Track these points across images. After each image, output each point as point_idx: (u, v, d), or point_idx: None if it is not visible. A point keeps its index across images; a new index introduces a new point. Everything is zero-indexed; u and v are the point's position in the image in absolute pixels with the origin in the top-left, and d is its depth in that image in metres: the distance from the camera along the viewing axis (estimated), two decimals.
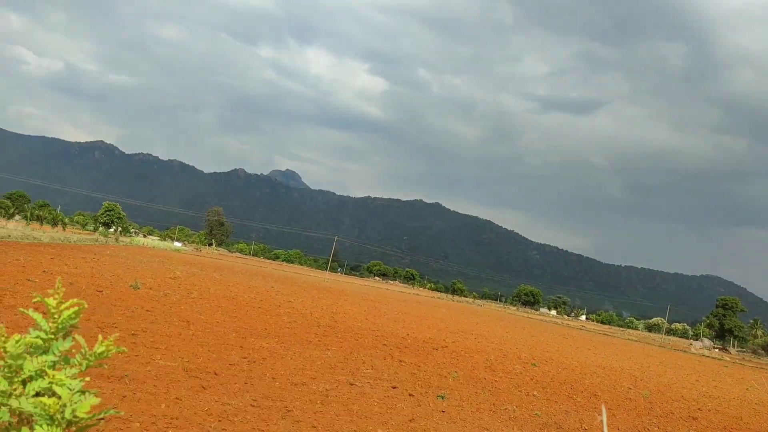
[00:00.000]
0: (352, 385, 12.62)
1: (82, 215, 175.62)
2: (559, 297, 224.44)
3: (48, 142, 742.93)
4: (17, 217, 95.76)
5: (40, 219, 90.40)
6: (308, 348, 16.69)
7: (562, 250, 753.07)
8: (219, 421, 8.21)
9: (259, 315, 23.13)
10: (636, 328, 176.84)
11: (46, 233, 64.20)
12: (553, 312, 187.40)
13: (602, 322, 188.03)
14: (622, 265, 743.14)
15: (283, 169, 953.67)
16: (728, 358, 69.68)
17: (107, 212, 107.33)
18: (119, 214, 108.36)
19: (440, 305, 77.92)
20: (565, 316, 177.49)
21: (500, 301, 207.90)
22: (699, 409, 19.15)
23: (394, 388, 13.21)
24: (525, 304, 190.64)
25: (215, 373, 11.24)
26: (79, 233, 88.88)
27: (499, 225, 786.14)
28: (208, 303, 23.97)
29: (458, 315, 57.01)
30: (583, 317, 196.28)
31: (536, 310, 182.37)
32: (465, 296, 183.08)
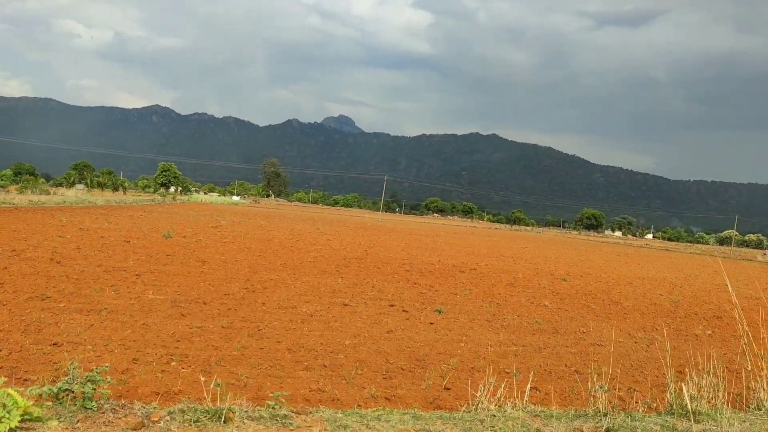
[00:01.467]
0: (345, 305, 12.74)
1: (146, 179, 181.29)
2: (624, 218, 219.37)
3: (107, 111, 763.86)
4: (79, 185, 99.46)
5: (101, 185, 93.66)
6: (319, 277, 16.89)
7: (627, 170, 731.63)
8: (178, 341, 8.43)
9: (286, 253, 23.49)
10: (706, 243, 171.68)
11: (103, 198, 66.68)
12: (617, 233, 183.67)
13: (669, 240, 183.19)
14: (691, 180, 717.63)
15: (336, 115, 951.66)
16: None
17: (163, 173, 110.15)
18: (175, 173, 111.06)
19: (493, 235, 77.43)
20: (630, 236, 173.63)
21: (563, 227, 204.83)
22: (729, 310, 18.55)
23: (391, 306, 13.28)
24: (588, 227, 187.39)
25: (204, 303, 11.53)
26: (139, 195, 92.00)
27: (560, 151, 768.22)
28: (237, 246, 24.48)
29: (508, 242, 56.53)
30: (650, 236, 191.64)
31: (600, 233, 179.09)
32: (525, 225, 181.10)
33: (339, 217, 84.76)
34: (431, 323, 11.69)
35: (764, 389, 6.60)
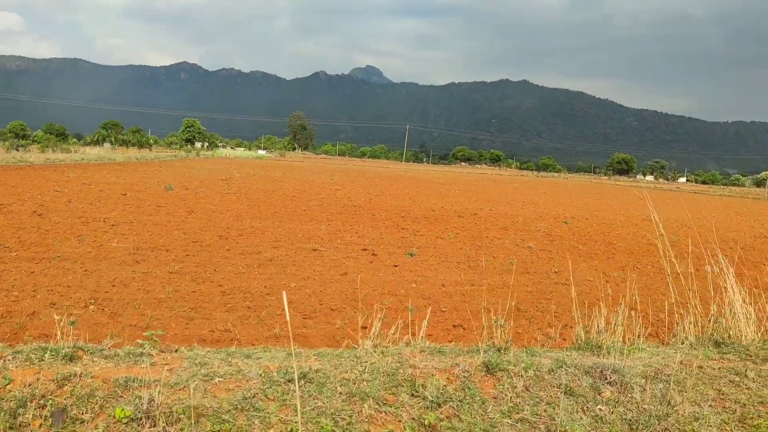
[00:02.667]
0: (315, 250, 12.60)
1: (174, 136, 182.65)
2: (656, 162, 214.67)
3: (136, 69, 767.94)
4: (107, 144, 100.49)
5: (125, 143, 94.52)
6: (305, 224, 16.76)
7: (662, 113, 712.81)
8: (113, 287, 8.38)
9: (285, 202, 23.40)
10: (742, 185, 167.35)
11: (125, 155, 67.24)
12: (649, 177, 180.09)
13: (704, 183, 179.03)
14: (729, 122, 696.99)
15: (363, 66, 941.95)
16: None
17: (187, 129, 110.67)
18: (199, 129, 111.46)
19: (516, 182, 76.44)
20: (661, 180, 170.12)
21: (593, 173, 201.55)
22: (729, 248, 17.99)
23: (363, 250, 13.10)
24: (619, 172, 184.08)
25: (167, 250, 11.48)
26: (164, 152, 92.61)
27: (592, 95, 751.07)
28: (236, 197, 24.45)
29: (527, 188, 55.75)
30: (683, 179, 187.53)
31: (631, 177, 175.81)
32: (554, 172, 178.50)
33: (361, 168, 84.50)
34: (395, 266, 11.49)
35: (689, 322, 6.29)
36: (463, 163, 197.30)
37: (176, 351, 4.81)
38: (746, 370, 5.28)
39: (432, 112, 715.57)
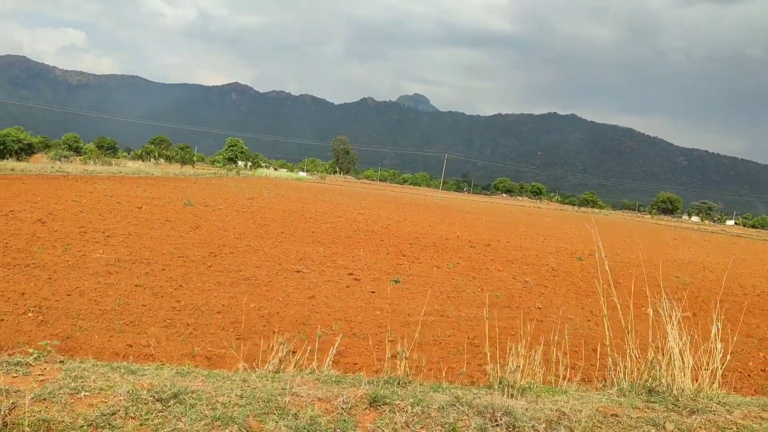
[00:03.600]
0: (298, 272, 12.52)
1: (220, 154, 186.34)
2: (704, 203, 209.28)
3: (189, 88, 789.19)
4: (152, 159, 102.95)
5: (168, 158, 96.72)
6: (301, 246, 16.72)
7: (713, 153, 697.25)
8: (68, 295, 8.42)
9: (297, 223, 23.44)
10: None
11: (164, 170, 68.72)
12: (695, 218, 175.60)
13: (753, 227, 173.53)
14: None
15: (411, 93, 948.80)
16: None
17: (230, 148, 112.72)
18: (242, 149, 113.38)
19: (552, 215, 75.33)
20: (707, 222, 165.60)
21: (638, 211, 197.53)
22: (739, 294, 17.30)
23: (349, 274, 12.96)
24: (664, 212, 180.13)
25: (147, 263, 11.55)
26: (205, 169, 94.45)
27: (641, 132, 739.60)
28: (250, 215, 24.62)
29: (559, 223, 54.84)
30: (731, 222, 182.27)
31: (676, 217, 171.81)
32: (598, 207, 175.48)
33: (397, 195, 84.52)
34: (372, 292, 11.31)
35: (624, 366, 5.95)
36: (504, 195, 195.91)
37: (61, 362, 4.75)
38: (665, 422, 4.93)
39: (477, 141, 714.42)
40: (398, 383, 5.03)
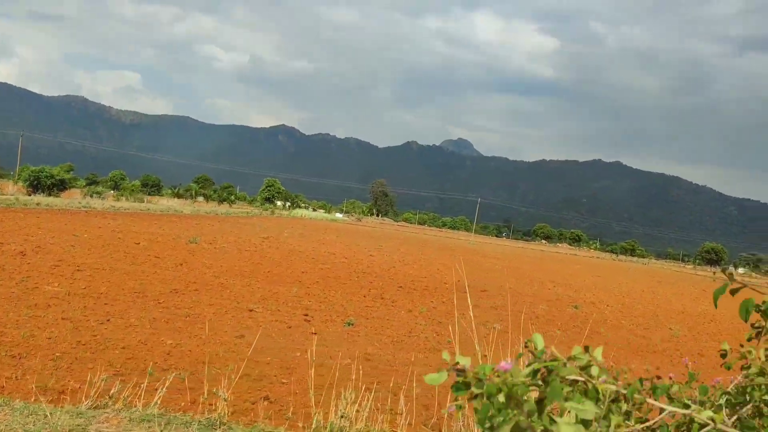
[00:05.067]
0: (250, 311, 12.52)
1: (260, 194, 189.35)
2: (753, 254, 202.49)
3: (237, 129, 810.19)
4: (199, 198, 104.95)
5: (206, 197, 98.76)
6: (276, 285, 16.73)
7: (765, 203, 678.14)
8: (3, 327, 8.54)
9: (293, 263, 23.50)
10: None
11: (195, 208, 70.10)
12: (741, 270, 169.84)
13: None
14: None
15: (455, 138, 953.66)
16: None
17: (268, 188, 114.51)
18: (279, 189, 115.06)
19: (583, 263, 73.82)
20: (755, 275, 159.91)
21: (681, 261, 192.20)
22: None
23: (304, 315, 12.88)
24: (708, 262, 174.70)
25: (96, 297, 11.69)
26: (242, 208, 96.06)
27: (689, 181, 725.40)
28: (251, 254, 24.81)
29: (585, 270, 53.67)
30: None
31: (722, 268, 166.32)
32: (638, 256, 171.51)
33: (429, 237, 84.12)
34: (313, 333, 11.17)
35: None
36: (543, 241, 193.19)
37: None
38: None
39: (521, 187, 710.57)
40: (214, 425, 4.93)
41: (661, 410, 1.40)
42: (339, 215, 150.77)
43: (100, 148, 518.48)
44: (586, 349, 1.39)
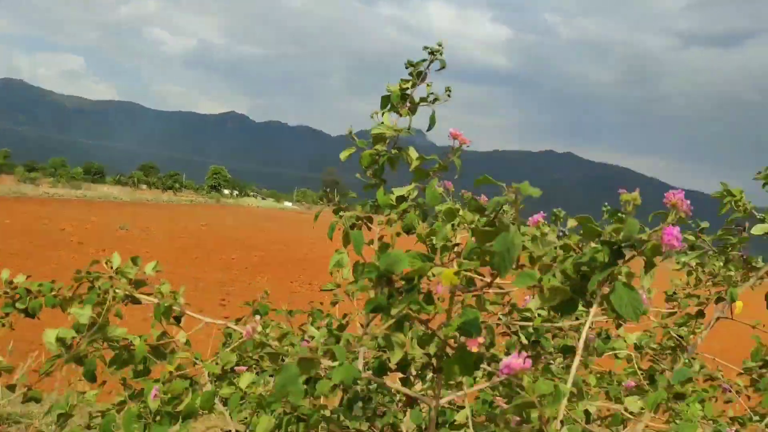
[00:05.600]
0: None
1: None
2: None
3: (185, 116, 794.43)
4: (142, 186, 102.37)
5: (148, 184, 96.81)
6: (201, 272, 16.70)
7: (708, 195, 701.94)
8: None
9: (227, 250, 23.34)
10: None
11: (138, 196, 68.75)
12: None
13: None
14: None
15: None
16: None
17: (214, 175, 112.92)
18: (226, 177, 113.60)
19: None
20: None
21: None
22: None
23: (221, 300, 12.91)
24: None
25: None
26: (186, 197, 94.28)
27: (639, 172, 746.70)
28: (184, 240, 24.57)
29: None
30: None
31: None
32: None
33: None
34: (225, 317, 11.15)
35: None
36: None
37: None
38: None
39: (474, 177, 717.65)
40: None
41: None
42: (289, 204, 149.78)
43: (42, 135, 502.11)
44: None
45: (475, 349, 1.04)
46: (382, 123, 1.62)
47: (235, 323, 1.92)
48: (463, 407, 1.69)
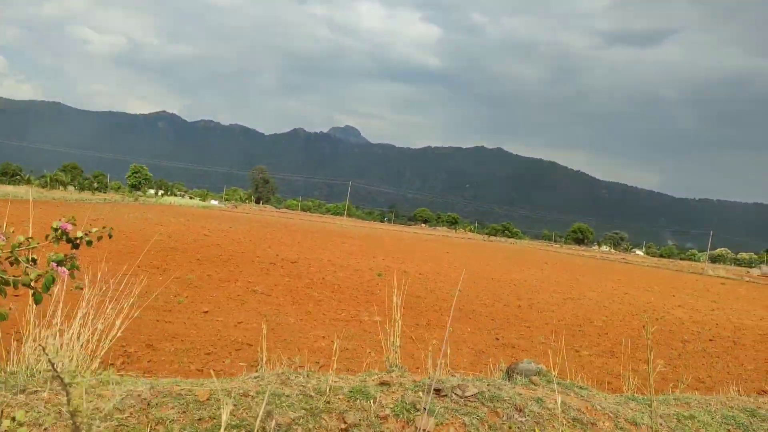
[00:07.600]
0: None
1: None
2: (617, 233, 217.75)
3: (114, 116, 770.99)
4: (70, 188, 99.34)
5: (63, 184, 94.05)
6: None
7: (632, 186, 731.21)
8: None
9: (117, 246, 23.08)
10: (696, 261, 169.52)
11: (48, 195, 66.65)
12: (605, 248, 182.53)
13: (661, 256, 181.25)
14: (696, 199, 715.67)
15: (343, 125, 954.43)
16: (750, 279, 65.36)
17: (134, 174, 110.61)
18: (146, 175, 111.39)
19: (453, 243, 76.68)
20: (612, 251, 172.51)
21: (554, 241, 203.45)
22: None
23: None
24: (576, 241, 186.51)
25: None
26: (103, 196, 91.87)
27: (565, 166, 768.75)
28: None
29: (443, 247, 55.91)
30: (640, 252, 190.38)
31: (587, 247, 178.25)
32: (511, 237, 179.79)
33: (299, 222, 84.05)
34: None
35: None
36: (422, 224, 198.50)
37: None
38: None
39: (407, 174, 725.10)
40: None
41: None
42: (214, 202, 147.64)
43: None
44: None
45: None
46: None
47: None
48: None
